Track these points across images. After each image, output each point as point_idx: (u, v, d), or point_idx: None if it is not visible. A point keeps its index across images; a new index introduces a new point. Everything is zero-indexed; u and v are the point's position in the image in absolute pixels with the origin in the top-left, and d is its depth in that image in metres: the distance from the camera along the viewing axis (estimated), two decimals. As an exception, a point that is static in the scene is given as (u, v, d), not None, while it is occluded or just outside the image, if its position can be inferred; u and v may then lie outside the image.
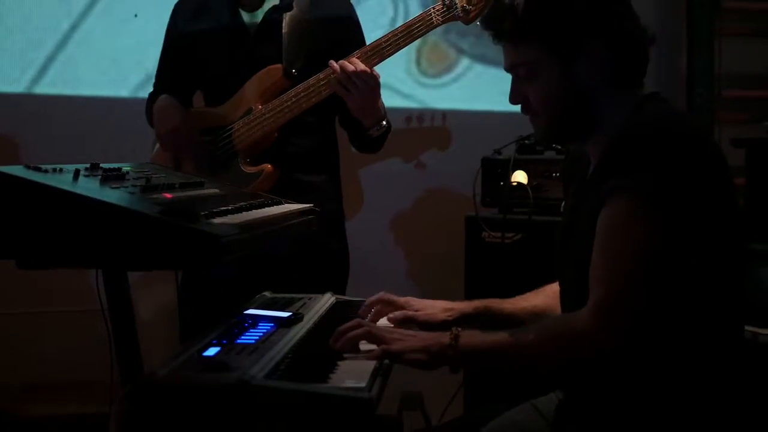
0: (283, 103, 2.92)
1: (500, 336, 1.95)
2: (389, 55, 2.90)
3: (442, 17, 2.88)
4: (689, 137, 1.90)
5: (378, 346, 1.96)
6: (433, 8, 2.88)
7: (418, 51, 4.24)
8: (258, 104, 2.96)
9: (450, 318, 2.27)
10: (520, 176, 3.56)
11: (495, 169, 3.65)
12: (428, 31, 2.91)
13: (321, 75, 2.89)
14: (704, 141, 1.95)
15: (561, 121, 2.05)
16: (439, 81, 4.25)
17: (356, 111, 2.92)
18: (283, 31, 2.98)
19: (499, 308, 2.31)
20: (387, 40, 2.88)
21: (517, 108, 2.10)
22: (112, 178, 1.98)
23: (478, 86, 4.28)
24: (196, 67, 3.11)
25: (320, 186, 3.06)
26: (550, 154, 3.63)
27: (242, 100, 2.99)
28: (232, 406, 1.66)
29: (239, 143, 2.97)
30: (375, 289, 2.43)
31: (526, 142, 3.65)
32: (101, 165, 2.08)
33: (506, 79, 2.10)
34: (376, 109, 2.95)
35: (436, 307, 2.31)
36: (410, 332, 2.09)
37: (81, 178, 1.90)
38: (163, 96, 3.06)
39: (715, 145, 1.99)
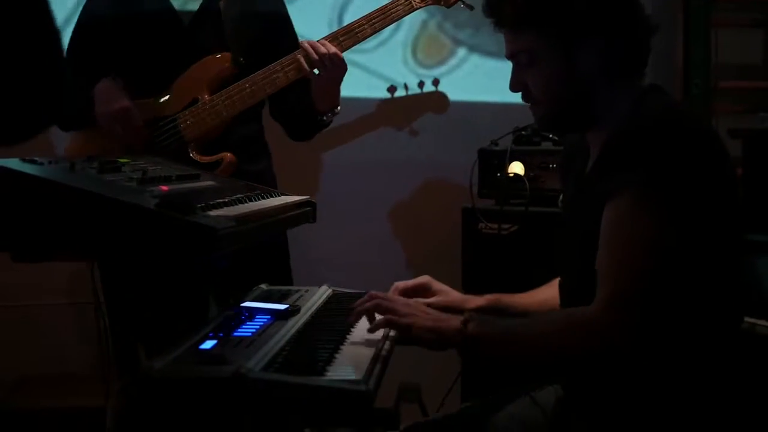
0: (241, 91, 2.88)
1: (510, 325, 1.98)
2: (364, 38, 2.91)
3: (422, 0, 2.88)
4: (692, 130, 1.90)
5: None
6: None
7: (415, 41, 4.23)
8: (204, 94, 2.91)
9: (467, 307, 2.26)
10: (517, 167, 3.55)
11: (492, 161, 3.64)
12: (407, 14, 2.90)
13: (284, 60, 2.88)
14: (707, 134, 1.95)
15: (560, 109, 2.04)
16: (436, 72, 4.23)
17: (318, 93, 2.93)
18: (223, 20, 2.93)
19: (510, 304, 2.31)
20: (360, 23, 2.88)
21: (513, 99, 2.10)
22: (108, 170, 1.98)
23: (475, 77, 4.27)
24: (116, 56, 2.98)
25: (262, 175, 3.03)
26: (547, 145, 3.63)
27: (184, 91, 2.94)
28: (229, 399, 1.66)
29: (188, 133, 2.92)
30: (371, 280, 2.43)
31: (523, 133, 3.65)
32: (98, 157, 2.07)
33: (502, 70, 2.10)
34: (336, 95, 2.97)
35: (450, 295, 2.33)
36: (424, 308, 2.07)
37: (77, 170, 1.89)
38: (103, 79, 2.93)
39: (717, 138, 1.99)
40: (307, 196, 2.45)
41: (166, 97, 2.95)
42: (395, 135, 4.20)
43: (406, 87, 4.17)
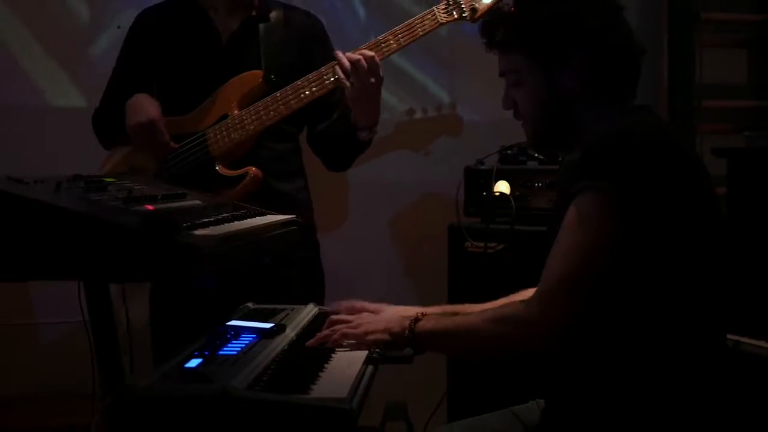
0: (268, 105, 2.91)
1: (456, 319, 2.09)
2: (390, 53, 2.90)
3: (446, 15, 2.88)
4: (659, 144, 1.95)
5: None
6: (437, 6, 2.89)
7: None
8: (234, 110, 2.94)
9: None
10: (502, 186, 3.57)
11: (478, 179, 3.66)
12: (432, 29, 2.90)
13: (311, 76, 2.90)
14: (677, 149, 1.98)
15: (544, 128, 2.13)
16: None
17: (354, 101, 2.89)
18: (260, 39, 3.00)
19: (465, 312, 2.33)
20: (386, 37, 2.88)
21: (500, 118, 2.16)
22: (93, 189, 1.98)
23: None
24: (163, 76, 3.06)
25: (296, 195, 3.07)
26: (532, 164, 3.65)
27: (215, 106, 2.97)
28: (214, 417, 1.66)
29: (216, 148, 2.95)
30: (358, 298, 2.43)
31: (509, 152, 3.66)
32: (83, 176, 2.08)
33: (492, 88, 2.16)
34: (374, 108, 2.94)
35: (408, 312, 2.34)
36: (375, 316, 2.24)
37: (63, 190, 1.90)
38: (137, 94, 2.98)
39: (691, 154, 2.03)
40: (293, 216, 2.45)
41: (199, 113, 2.99)
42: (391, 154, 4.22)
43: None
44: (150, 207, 1.97)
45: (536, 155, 3.63)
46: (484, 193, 3.60)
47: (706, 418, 1.96)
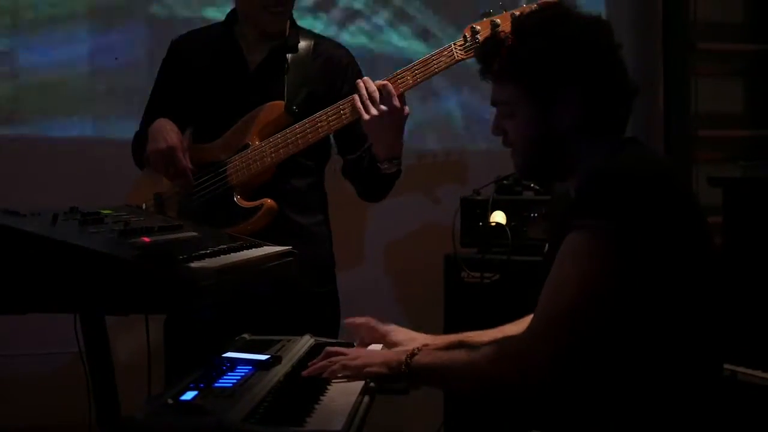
0: (287, 137, 2.90)
1: (453, 354, 2.08)
2: (405, 88, 2.86)
3: (464, 52, 2.86)
4: (655, 182, 1.95)
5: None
6: (455, 43, 2.88)
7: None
8: (255, 140, 2.94)
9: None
10: (498, 216, 3.58)
11: (474, 210, 3.67)
12: (449, 66, 2.89)
13: (329, 109, 2.89)
14: (672, 186, 1.99)
15: (533, 160, 2.14)
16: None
17: (372, 133, 2.87)
18: (286, 70, 3.00)
19: (472, 342, 2.33)
20: (402, 73, 2.89)
21: (496, 148, 2.17)
22: (90, 222, 1.98)
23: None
24: (193, 102, 3.07)
25: (314, 228, 3.06)
26: (528, 195, 3.66)
27: (238, 136, 2.98)
28: (210, 450, 1.66)
29: (235, 178, 2.95)
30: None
31: (505, 182, 3.67)
32: (80, 209, 2.08)
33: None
34: (394, 141, 2.90)
35: (416, 340, 2.35)
36: (373, 350, 2.26)
37: (59, 223, 1.90)
38: (159, 119, 2.98)
39: (685, 189, 2.05)
40: (290, 247, 2.45)
41: (222, 142, 3.00)
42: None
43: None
44: (147, 239, 1.97)
45: (532, 186, 3.63)
46: (481, 224, 3.61)
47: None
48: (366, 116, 2.82)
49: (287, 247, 2.44)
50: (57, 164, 3.89)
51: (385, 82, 2.84)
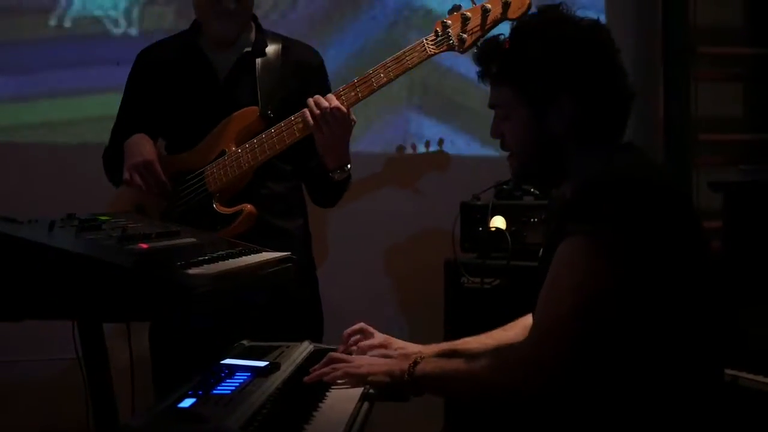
0: (262, 143, 2.91)
1: (454, 363, 2.08)
2: (379, 85, 2.89)
3: (436, 46, 2.88)
4: (650, 188, 1.96)
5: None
6: (426, 38, 2.89)
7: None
8: (232, 146, 2.95)
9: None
10: (498, 221, 3.57)
11: (474, 215, 3.67)
12: (422, 61, 2.90)
13: (295, 115, 2.90)
14: (668, 191, 2.00)
15: (530, 163, 2.15)
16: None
17: (323, 147, 2.90)
18: (257, 75, 3.00)
19: (464, 349, 2.34)
20: (376, 70, 2.89)
21: (497, 153, 2.17)
22: (87, 228, 1.98)
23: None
24: (163, 114, 3.08)
25: (294, 232, 3.07)
26: (528, 200, 3.66)
27: (213, 143, 2.98)
28: (207, 458, 1.66)
29: (213, 185, 2.95)
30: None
31: (505, 187, 3.67)
32: (77, 215, 2.07)
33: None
34: (343, 152, 2.95)
35: (408, 348, 2.35)
36: (377, 358, 2.24)
37: (56, 230, 1.89)
38: (134, 135, 3.01)
39: (681, 194, 2.05)
40: (288, 253, 2.44)
41: (199, 150, 3.00)
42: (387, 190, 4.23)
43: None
44: (144, 245, 1.96)
45: (532, 190, 3.63)
46: (481, 229, 3.60)
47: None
48: (320, 134, 2.86)
49: (286, 253, 2.43)
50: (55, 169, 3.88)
51: (338, 105, 2.85)
